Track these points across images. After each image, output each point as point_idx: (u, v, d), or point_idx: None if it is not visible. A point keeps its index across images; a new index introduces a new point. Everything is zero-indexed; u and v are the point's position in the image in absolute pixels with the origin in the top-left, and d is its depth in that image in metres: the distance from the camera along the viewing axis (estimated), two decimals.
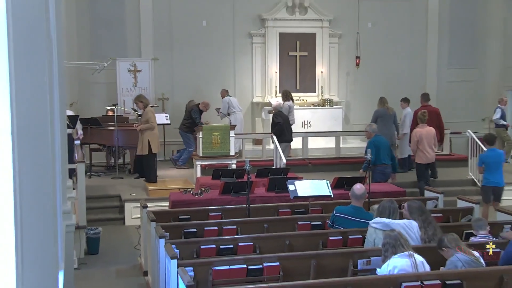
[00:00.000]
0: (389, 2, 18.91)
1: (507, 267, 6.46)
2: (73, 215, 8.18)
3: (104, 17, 17.18)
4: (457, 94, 18.78)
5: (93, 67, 16.16)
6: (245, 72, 18.35)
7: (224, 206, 9.63)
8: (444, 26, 19.63)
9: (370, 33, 18.62)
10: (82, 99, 16.72)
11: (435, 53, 19.59)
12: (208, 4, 17.73)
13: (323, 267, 6.73)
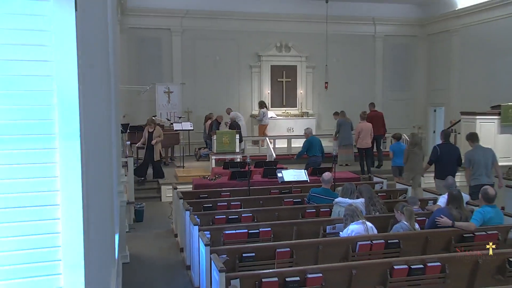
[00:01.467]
0: (349, 45, 18.96)
1: (430, 230, 6.51)
2: (125, 194, 8.23)
3: (147, 54, 17.26)
4: (395, 108, 18.87)
5: (139, 89, 16.31)
6: (246, 92, 18.40)
7: (231, 188, 9.70)
8: (386, 61, 19.76)
9: (335, 66, 18.68)
10: (131, 112, 16.75)
11: (381, 80, 19.71)
12: (220, 45, 17.78)
13: (301, 231, 6.78)
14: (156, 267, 7.72)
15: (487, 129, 13.53)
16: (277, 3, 17.72)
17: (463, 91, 17.81)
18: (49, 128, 1.73)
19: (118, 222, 5.83)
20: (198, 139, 16.56)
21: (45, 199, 1.74)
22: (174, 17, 17.16)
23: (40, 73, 1.72)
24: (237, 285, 4.47)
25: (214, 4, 17.19)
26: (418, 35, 19.93)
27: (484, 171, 9.10)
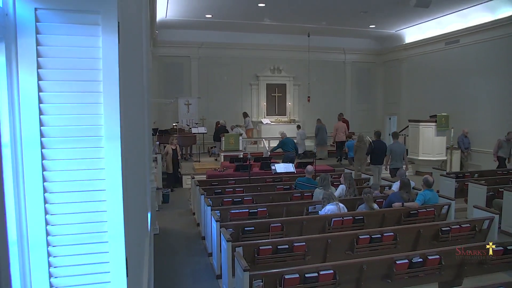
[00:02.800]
0: (325, 68, 18.92)
1: (386, 209, 6.53)
2: (155, 181, 8.21)
3: (172, 75, 17.29)
4: (360, 116, 18.93)
5: (165, 102, 16.28)
6: (247, 104, 18.34)
7: (236, 177, 9.70)
8: (353, 81, 19.76)
9: (315, 84, 18.57)
10: (159, 119, 16.75)
11: (349, 95, 19.69)
12: (228, 68, 17.76)
13: (290, 211, 6.79)
14: (179, 238, 7.73)
15: (427, 133, 13.57)
16: (271, 36, 17.70)
17: (410, 104, 17.83)
18: (98, 131, 1.78)
19: (150, 203, 5.82)
20: (210, 140, 16.56)
21: (94, 185, 1.78)
22: (192, 48, 17.17)
23: (93, 90, 1.77)
24: (240, 251, 4.48)
25: (223, 37, 17.21)
26: (377, 62, 19.91)
27: (398, 158, 10.08)
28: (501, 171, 10.54)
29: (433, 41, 15.92)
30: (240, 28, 16.56)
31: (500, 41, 13.07)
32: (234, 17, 14.77)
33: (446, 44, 15.40)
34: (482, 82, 13.87)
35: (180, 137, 14.40)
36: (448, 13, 14.06)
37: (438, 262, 4.48)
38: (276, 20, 15.42)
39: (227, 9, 13.75)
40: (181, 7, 13.54)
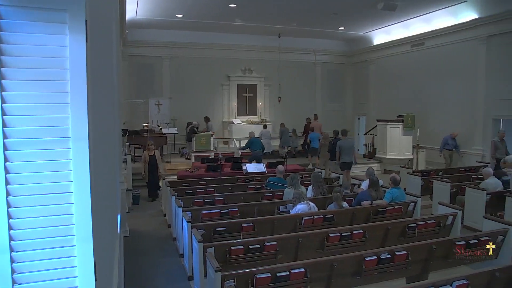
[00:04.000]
0: (296, 69, 19.08)
1: (356, 207, 6.65)
2: (125, 183, 8.06)
3: (143, 75, 16.97)
4: (331, 116, 19.07)
5: (136, 102, 16.03)
6: (218, 105, 18.26)
7: (207, 178, 9.63)
8: (324, 82, 19.94)
9: (286, 85, 18.79)
10: (130, 119, 16.44)
11: (320, 95, 19.88)
12: (199, 68, 17.57)
13: (261, 210, 6.80)
14: (150, 239, 7.61)
15: (394, 133, 13.91)
16: (242, 37, 17.69)
17: (378, 104, 18.21)
18: (64, 132, 1.73)
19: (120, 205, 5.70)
20: (181, 140, 16.44)
21: (61, 187, 1.73)
22: (163, 48, 16.94)
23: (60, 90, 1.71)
24: (212, 252, 4.45)
25: (194, 38, 17.07)
26: (346, 63, 20.22)
27: (347, 153, 10.85)
28: (463, 169, 10.93)
29: (400, 43, 16.33)
30: (211, 28, 16.47)
31: (462, 44, 13.55)
32: (205, 17, 14.67)
33: (412, 46, 15.83)
34: (446, 83, 14.34)
35: (151, 137, 14.20)
36: (413, 17, 14.46)
37: (405, 257, 4.60)
38: (247, 21, 15.43)
39: (198, 9, 13.64)
40: (151, 7, 13.34)
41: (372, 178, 7.23)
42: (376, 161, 14.64)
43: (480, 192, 7.78)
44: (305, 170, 11.22)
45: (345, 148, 10.86)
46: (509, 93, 12.04)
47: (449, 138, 12.83)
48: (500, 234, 5.32)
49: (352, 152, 11.02)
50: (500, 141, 11.26)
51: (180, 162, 14.07)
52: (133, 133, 14.60)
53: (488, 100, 12.76)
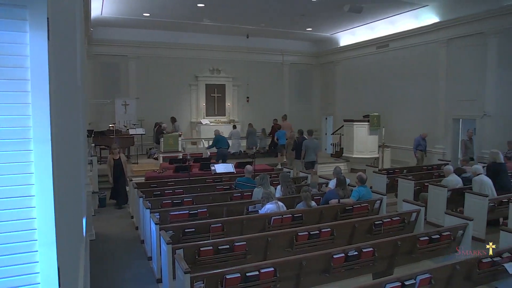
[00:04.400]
0: (264, 69, 19.15)
1: (324, 206, 6.74)
2: (90, 185, 7.85)
3: (109, 75, 16.56)
4: (299, 116, 19.16)
5: (102, 102, 15.65)
6: (186, 105, 18.08)
7: (175, 178, 9.52)
8: (291, 82, 20.11)
9: (254, 85, 18.88)
10: (95, 120, 16.04)
11: (288, 95, 20.04)
12: (167, 68, 17.33)
13: (230, 211, 6.78)
14: (117, 242, 7.45)
15: (361, 132, 14.22)
16: (211, 37, 17.60)
17: (344, 104, 18.55)
18: (25, 133, 1.67)
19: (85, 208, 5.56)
20: (149, 141, 16.20)
21: (23, 191, 1.66)
22: (130, 47, 16.60)
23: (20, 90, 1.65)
24: (181, 254, 4.41)
25: (162, 37, 16.85)
26: (314, 63, 20.48)
27: (312, 152, 11.24)
28: (426, 167, 11.30)
29: (365, 45, 16.70)
30: (179, 28, 16.30)
31: (424, 46, 14.02)
32: (173, 16, 14.51)
33: (377, 48, 16.22)
34: (409, 84, 14.78)
35: (117, 138, 13.92)
36: (378, 19, 14.83)
37: (372, 254, 4.71)
38: (216, 21, 15.37)
39: (165, 8, 13.47)
40: (117, 5, 13.06)
41: (339, 177, 7.35)
42: (343, 160, 14.91)
43: (442, 189, 8.07)
44: (274, 170, 11.29)
45: (310, 147, 11.24)
46: (467, 94, 12.56)
47: (420, 138, 13.00)
48: (460, 229, 5.53)
49: (316, 151, 11.41)
50: (469, 140, 11.59)
51: (147, 163, 13.85)
52: (99, 134, 14.28)
53: (448, 100, 13.26)
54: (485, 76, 11.97)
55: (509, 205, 6.94)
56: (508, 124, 11.38)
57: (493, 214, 7.31)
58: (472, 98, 12.40)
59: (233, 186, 8.46)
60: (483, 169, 8.21)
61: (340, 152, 15.73)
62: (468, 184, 8.36)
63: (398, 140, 14.94)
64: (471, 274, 4.43)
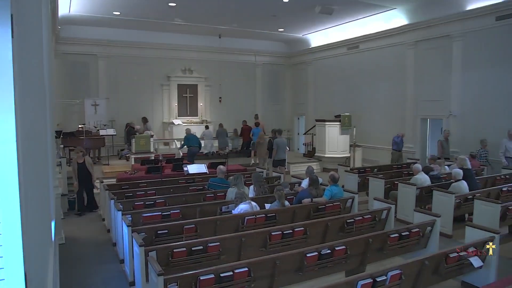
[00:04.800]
0: (236, 69, 19.13)
1: (297, 205, 6.79)
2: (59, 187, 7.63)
3: (78, 74, 16.09)
4: (271, 116, 19.33)
5: (71, 103, 15.21)
6: (158, 105, 17.83)
7: (148, 180, 9.38)
8: (264, 82, 20.15)
9: (227, 85, 18.83)
10: (64, 121, 15.61)
11: (260, 95, 20.07)
12: (138, 68, 17.05)
13: (204, 211, 6.74)
14: (88, 245, 7.27)
15: (332, 132, 14.42)
16: (182, 36, 17.43)
17: (316, 104, 18.77)
18: None
19: (54, 211, 5.39)
20: (120, 142, 15.90)
21: None
22: (99, 46, 16.22)
23: None
24: (154, 256, 4.34)
25: (132, 36, 16.56)
26: (286, 64, 20.62)
27: (281, 151, 11.72)
28: (395, 166, 11.56)
29: (336, 46, 16.94)
30: (150, 27, 16.07)
31: (393, 48, 14.35)
32: (143, 15, 14.28)
33: (347, 49, 16.49)
34: (379, 85, 15.10)
35: (87, 139, 13.60)
36: (349, 21, 15.06)
37: (344, 252, 4.78)
38: (187, 20, 15.23)
39: (136, 7, 13.24)
40: (86, 3, 12.74)
41: (312, 176, 7.42)
42: (316, 160, 15.08)
43: (411, 187, 8.27)
44: (247, 170, 11.29)
45: (280, 146, 11.66)
46: (434, 94, 12.95)
47: (397, 138, 13.03)
48: (428, 225, 5.69)
49: (285, 149, 11.85)
50: (445, 140, 11.74)
51: (119, 165, 13.59)
52: (68, 135, 13.91)
53: (416, 101, 13.62)
54: (450, 77, 12.37)
55: (474, 202, 7.18)
56: (472, 123, 11.79)
57: (459, 210, 7.55)
58: (439, 99, 12.79)
59: (206, 186, 8.41)
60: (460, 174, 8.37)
61: (312, 151, 15.88)
62: (435, 182, 8.61)
63: (369, 140, 15.23)
64: (438, 269, 4.56)
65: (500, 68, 11.09)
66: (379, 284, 3.87)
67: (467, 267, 4.89)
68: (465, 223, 5.82)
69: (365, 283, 3.76)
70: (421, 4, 12.63)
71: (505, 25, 10.89)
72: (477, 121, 11.68)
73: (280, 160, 11.54)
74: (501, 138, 10.74)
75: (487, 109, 11.46)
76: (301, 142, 18.85)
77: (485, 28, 11.37)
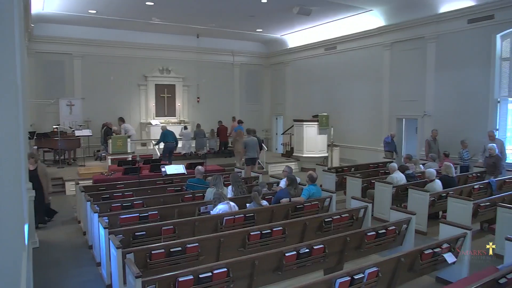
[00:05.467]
0: (214, 69, 19.06)
1: (275, 205, 6.81)
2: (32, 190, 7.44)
3: (52, 74, 15.72)
4: (250, 117, 19.24)
5: (45, 103, 14.85)
6: (135, 105, 17.60)
7: (125, 181, 9.24)
8: (242, 82, 20.16)
9: (205, 85, 18.76)
10: (38, 121, 15.25)
11: (238, 95, 20.06)
12: (114, 67, 16.82)
13: (182, 212, 6.69)
14: (63, 248, 7.11)
15: (311, 132, 14.54)
16: (160, 36, 17.28)
17: (294, 105, 18.88)
18: None
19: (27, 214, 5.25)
20: (96, 143, 15.63)
21: None
22: (75, 45, 15.89)
23: None
24: (131, 258, 4.28)
25: (109, 35, 16.31)
26: (264, 64, 20.67)
27: (252, 150, 11.58)
28: (372, 165, 11.73)
29: (314, 46, 17.09)
30: (127, 26, 15.85)
31: (370, 49, 14.57)
32: (120, 14, 14.06)
33: (325, 50, 16.65)
34: (356, 85, 15.31)
35: (62, 140, 13.32)
36: (327, 22, 15.21)
37: (323, 250, 4.82)
38: (165, 20, 15.09)
39: (112, 5, 13.03)
40: (60, 0, 12.47)
41: (290, 176, 7.46)
42: (294, 160, 15.17)
43: (387, 186, 8.42)
44: (225, 170, 11.27)
45: (251, 145, 11.64)
46: (409, 95, 13.21)
47: (388, 139, 12.84)
48: (404, 223, 5.80)
49: (256, 148, 11.84)
50: (433, 140, 11.68)
51: (95, 166, 13.35)
52: (42, 135, 13.59)
53: (392, 101, 13.87)
54: (425, 78, 12.64)
55: (447, 199, 7.36)
56: (446, 123, 12.09)
57: (434, 208, 7.73)
58: (414, 99, 13.05)
59: (184, 187, 8.35)
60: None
61: (290, 151, 15.97)
62: (411, 181, 8.79)
63: (346, 140, 15.42)
64: (414, 265, 4.65)
65: (471, 69, 11.41)
66: (357, 282, 3.92)
67: (441, 263, 5.01)
68: (439, 220, 5.96)
69: (343, 281, 3.80)
70: (397, 6, 12.87)
71: (476, 28, 11.21)
72: (451, 121, 11.98)
73: (252, 159, 11.61)
74: (474, 138, 11.04)
75: (459, 109, 11.77)
76: (280, 142, 18.93)
77: (458, 31, 11.68)
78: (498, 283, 3.89)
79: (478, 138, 10.96)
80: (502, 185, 8.80)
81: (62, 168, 13.21)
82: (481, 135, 10.95)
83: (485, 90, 11.10)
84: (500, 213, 6.42)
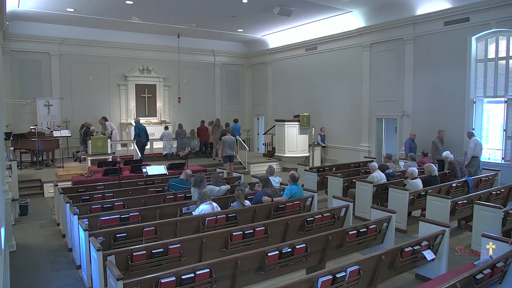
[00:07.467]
0: (195, 69, 19.01)
1: (258, 205, 6.81)
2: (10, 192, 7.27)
3: (29, 73, 15.39)
4: (231, 117, 19.14)
5: (21, 103, 14.49)
6: (115, 105, 17.38)
7: (105, 182, 9.11)
8: (223, 82, 20.16)
9: (186, 85, 18.64)
10: (14, 122, 14.92)
11: (219, 95, 20.02)
12: (93, 67, 16.59)
13: (163, 213, 6.63)
14: (41, 252, 6.96)
15: (292, 132, 14.62)
16: (140, 35, 17.12)
17: (275, 104, 18.97)
18: None
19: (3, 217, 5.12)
20: (75, 144, 15.35)
21: None
22: (52, 43, 15.59)
23: None
24: (112, 260, 4.23)
25: (88, 34, 16.06)
26: (245, 64, 20.70)
27: (229, 147, 12.17)
28: (353, 164, 11.87)
29: (295, 47, 17.19)
30: (106, 25, 15.62)
31: (350, 49, 14.75)
32: (99, 13, 13.84)
33: (306, 50, 16.77)
34: (336, 85, 15.47)
35: (40, 141, 13.05)
36: (307, 22, 15.32)
37: (305, 250, 4.85)
38: (145, 19, 14.94)
39: (91, 3, 12.81)
40: None
41: (262, 178, 7.37)
42: (275, 160, 15.22)
43: (368, 185, 8.53)
44: (207, 171, 11.23)
45: (227, 143, 12.15)
46: (389, 95, 13.42)
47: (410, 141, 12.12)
48: (384, 221, 5.89)
49: (233, 146, 12.34)
50: (440, 141, 11.33)
51: (74, 167, 13.12)
52: (18, 136, 13.28)
53: (371, 101, 14.07)
54: (404, 78, 12.87)
55: (426, 198, 7.50)
56: (424, 123, 12.33)
57: (413, 206, 7.88)
58: (393, 99, 13.27)
59: (166, 187, 8.28)
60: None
61: (272, 151, 16.01)
62: (391, 180, 8.92)
63: (327, 139, 15.56)
64: (394, 263, 4.73)
65: (448, 70, 11.67)
66: (339, 280, 3.96)
67: (421, 260, 5.10)
68: (418, 218, 6.07)
69: (325, 279, 3.83)
70: (376, 8, 13.06)
71: (452, 30, 11.48)
72: (428, 120, 12.23)
73: (229, 156, 12.11)
74: (451, 137, 11.28)
75: (437, 109, 12.02)
76: (261, 142, 18.97)
77: (434, 32, 11.94)
78: (475, 279, 3.99)
79: (455, 137, 11.22)
80: (478, 183, 9.04)
81: (40, 170, 12.95)
82: (458, 135, 11.21)
83: (461, 91, 11.38)
84: (477, 211, 6.57)
